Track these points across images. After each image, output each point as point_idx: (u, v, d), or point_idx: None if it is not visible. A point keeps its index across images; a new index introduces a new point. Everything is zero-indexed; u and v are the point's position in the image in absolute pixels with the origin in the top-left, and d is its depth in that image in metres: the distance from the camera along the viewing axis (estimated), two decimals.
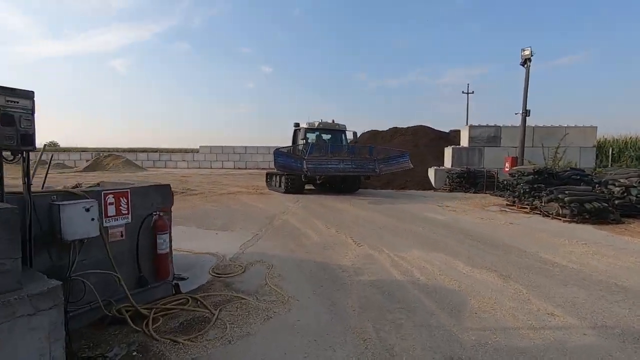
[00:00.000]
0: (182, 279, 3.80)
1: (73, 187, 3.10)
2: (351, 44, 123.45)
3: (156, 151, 38.57)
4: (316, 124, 13.03)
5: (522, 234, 6.43)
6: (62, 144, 58.47)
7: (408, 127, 20.97)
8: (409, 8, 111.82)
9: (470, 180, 14.27)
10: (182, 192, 11.69)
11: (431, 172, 15.70)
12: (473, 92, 38.08)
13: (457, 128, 22.88)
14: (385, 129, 22.59)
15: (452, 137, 19.37)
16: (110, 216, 2.91)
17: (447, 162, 16.19)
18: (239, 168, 34.34)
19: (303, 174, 10.94)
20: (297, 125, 13.57)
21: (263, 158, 33.63)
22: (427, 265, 4.45)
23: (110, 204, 2.90)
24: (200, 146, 37.09)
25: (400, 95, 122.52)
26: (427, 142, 18.70)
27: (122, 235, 2.99)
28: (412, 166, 12.82)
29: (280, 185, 12.36)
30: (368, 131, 23.59)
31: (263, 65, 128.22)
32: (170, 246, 3.41)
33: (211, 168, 35.34)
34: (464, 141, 16.32)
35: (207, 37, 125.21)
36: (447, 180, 14.80)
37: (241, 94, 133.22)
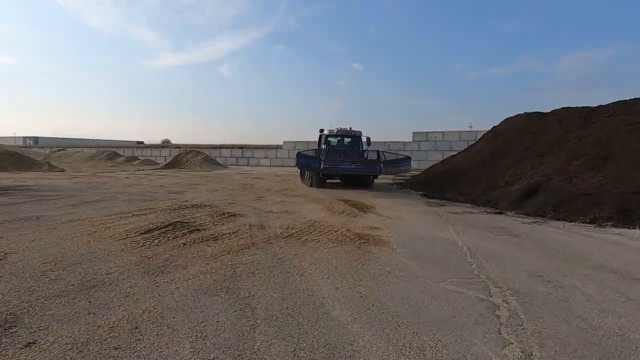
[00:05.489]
0: None
1: None
2: (445, 35, 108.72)
3: (241, 148, 35.25)
4: (335, 130, 14.69)
5: None
6: (174, 141, 61.88)
7: (624, 102, 11.36)
8: None
9: None
10: (197, 230, 5.32)
11: None
12: None
13: None
14: (547, 111, 13.76)
15: None
16: None
17: None
18: None
19: (320, 172, 12.42)
20: (321, 131, 15.19)
21: None
22: None
23: None
24: (283, 142, 32.19)
25: (507, 84, 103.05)
26: None
27: None
28: (412, 168, 14.00)
29: (310, 180, 13.62)
30: (524, 113, 15.65)
31: (354, 63, 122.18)
32: None
33: (295, 166, 30.09)
34: None
35: (301, 38, 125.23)
36: None
37: (332, 91, 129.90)
